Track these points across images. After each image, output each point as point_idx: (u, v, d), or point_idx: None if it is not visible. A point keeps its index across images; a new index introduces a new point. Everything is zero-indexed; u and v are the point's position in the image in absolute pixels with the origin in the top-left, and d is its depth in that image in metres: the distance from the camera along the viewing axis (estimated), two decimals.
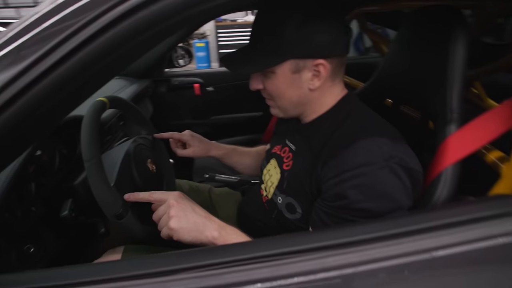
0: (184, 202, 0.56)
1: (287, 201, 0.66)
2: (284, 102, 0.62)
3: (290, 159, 0.69)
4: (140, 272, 0.37)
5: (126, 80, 1.56)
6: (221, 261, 0.38)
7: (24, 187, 0.67)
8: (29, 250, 0.64)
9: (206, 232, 0.54)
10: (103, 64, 0.37)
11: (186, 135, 0.87)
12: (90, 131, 0.58)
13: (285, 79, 0.58)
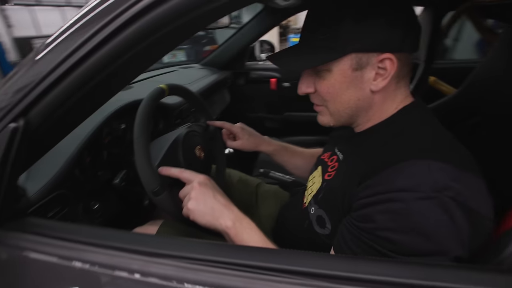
0: (207, 186, 0.58)
1: (318, 214, 0.61)
2: (338, 106, 0.54)
3: (335, 169, 0.63)
4: (139, 248, 0.39)
5: (209, 70, 1.69)
6: (212, 259, 0.38)
7: (98, 153, 0.79)
8: (93, 206, 0.76)
9: (220, 219, 0.54)
10: (143, 46, 0.39)
11: (236, 127, 0.88)
12: (143, 113, 0.65)
13: (344, 77, 0.50)
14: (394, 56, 0.47)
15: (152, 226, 0.72)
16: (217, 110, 1.66)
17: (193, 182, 0.59)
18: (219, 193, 0.59)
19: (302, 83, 0.57)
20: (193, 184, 0.58)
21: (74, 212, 0.70)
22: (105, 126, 0.81)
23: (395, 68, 0.48)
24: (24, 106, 0.40)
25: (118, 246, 0.40)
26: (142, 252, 0.38)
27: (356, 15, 0.46)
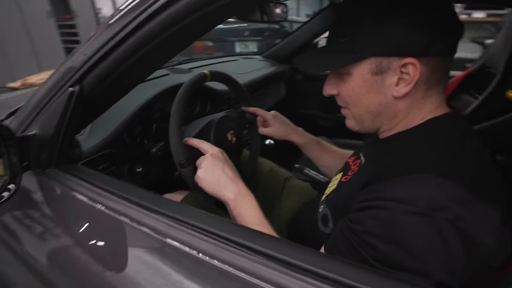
0: (218, 158, 0.63)
1: (325, 212, 0.61)
2: (359, 110, 0.53)
3: (353, 173, 0.62)
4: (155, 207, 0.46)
5: (268, 62, 1.73)
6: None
7: (148, 125, 0.91)
8: (137, 169, 0.88)
9: (224, 190, 0.59)
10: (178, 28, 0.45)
11: (269, 114, 0.90)
12: (182, 93, 0.73)
13: (363, 81, 0.48)
14: (418, 61, 0.44)
15: (179, 195, 0.81)
16: (270, 102, 1.70)
17: (207, 153, 0.64)
18: (229, 167, 0.63)
19: (326, 85, 0.57)
20: (207, 155, 0.64)
21: (120, 170, 0.83)
22: (157, 102, 0.93)
23: (419, 74, 0.45)
24: (80, 75, 0.51)
25: (130, 198, 0.48)
26: (145, 207, 0.46)
27: (376, 15, 0.45)
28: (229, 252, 0.40)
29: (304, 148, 0.91)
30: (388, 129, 0.54)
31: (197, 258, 0.39)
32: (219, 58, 1.69)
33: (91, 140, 0.74)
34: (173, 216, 0.43)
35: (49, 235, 0.54)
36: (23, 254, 0.56)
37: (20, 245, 0.57)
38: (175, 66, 1.35)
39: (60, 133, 0.54)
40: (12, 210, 0.60)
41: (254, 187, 0.97)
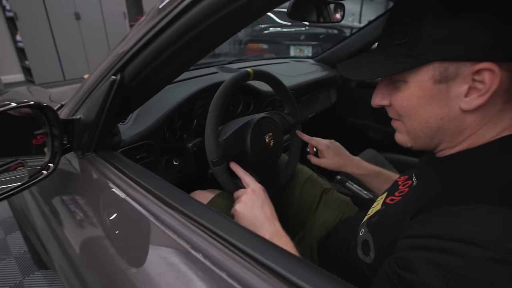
0: (258, 196, 0.61)
1: (366, 238, 0.53)
2: (415, 125, 0.45)
3: (402, 194, 0.54)
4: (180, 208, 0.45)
5: (320, 66, 1.66)
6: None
7: (189, 120, 0.92)
8: (174, 162, 0.89)
9: (260, 230, 0.56)
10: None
11: (322, 145, 0.86)
12: (223, 91, 0.71)
13: (423, 90, 0.41)
14: (498, 66, 0.36)
15: (210, 193, 0.80)
16: (318, 108, 1.63)
17: (249, 187, 0.63)
18: (268, 206, 0.61)
19: (376, 94, 0.50)
20: (248, 189, 0.62)
21: (157, 162, 0.85)
22: (200, 98, 0.93)
23: (498, 83, 0.36)
24: (122, 64, 0.51)
25: (159, 195, 0.47)
26: (172, 207, 0.44)
27: (443, 11, 0.37)
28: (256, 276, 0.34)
29: (362, 180, 0.85)
30: (449, 147, 0.45)
31: (220, 277, 0.35)
32: (270, 60, 1.67)
33: (133, 130, 0.76)
34: (201, 222, 0.40)
35: (81, 219, 0.56)
36: (59, 232, 0.59)
37: (58, 223, 0.61)
38: (225, 65, 1.36)
39: (101, 119, 0.55)
40: (54, 188, 0.64)
41: (289, 195, 0.93)
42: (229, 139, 0.73)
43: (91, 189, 0.57)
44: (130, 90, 0.55)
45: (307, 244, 0.77)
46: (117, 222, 0.49)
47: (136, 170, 0.54)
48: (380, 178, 0.81)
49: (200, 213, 0.41)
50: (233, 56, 3.75)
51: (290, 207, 0.90)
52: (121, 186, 0.51)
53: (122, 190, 0.50)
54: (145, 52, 0.49)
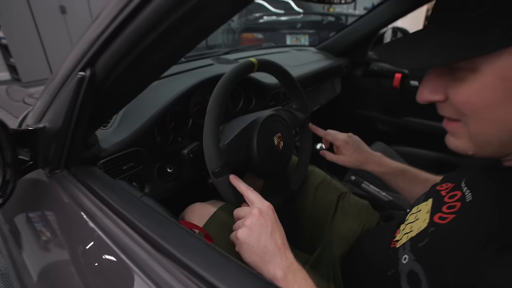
0: (267, 219, 0.48)
1: (413, 268, 0.42)
2: (486, 127, 0.35)
3: (453, 211, 0.43)
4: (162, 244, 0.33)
5: (323, 55, 1.53)
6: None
7: (183, 120, 0.80)
8: (168, 169, 0.77)
9: (269, 265, 0.44)
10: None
11: (339, 140, 0.75)
12: (223, 86, 0.59)
13: (502, 82, 0.31)
14: None
15: (212, 206, 0.68)
16: (322, 100, 1.51)
17: (254, 206, 0.49)
18: (279, 231, 0.48)
19: (424, 87, 0.39)
20: (253, 210, 0.48)
21: (149, 170, 0.73)
22: (195, 95, 0.81)
23: None
24: (90, 56, 0.39)
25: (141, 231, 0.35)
26: (155, 244, 0.32)
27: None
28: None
29: (384, 179, 0.73)
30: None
31: None
32: (269, 49, 1.54)
33: (117, 135, 0.64)
34: (192, 269, 0.29)
35: (44, 248, 0.44)
36: (16, 256, 0.48)
37: (17, 246, 0.49)
38: (221, 56, 1.23)
39: (69, 128, 0.43)
40: (18, 207, 0.52)
41: (301, 202, 0.82)
42: (232, 144, 0.61)
43: (59, 216, 0.45)
44: (107, 89, 0.42)
45: (328, 263, 0.66)
46: (88, 267, 0.37)
47: (117, 193, 0.42)
48: (405, 177, 0.71)
49: (205, 264, 0.29)
50: (227, 47, 3.58)
51: (303, 216, 0.79)
52: (94, 216, 0.39)
53: (96, 222, 0.38)
54: (119, 39, 0.36)
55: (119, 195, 0.41)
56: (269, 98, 1.00)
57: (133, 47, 0.36)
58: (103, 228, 0.37)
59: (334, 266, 0.65)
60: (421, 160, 1.40)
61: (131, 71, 0.40)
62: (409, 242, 0.46)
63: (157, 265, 0.30)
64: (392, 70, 1.48)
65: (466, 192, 0.44)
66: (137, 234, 0.35)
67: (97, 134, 0.63)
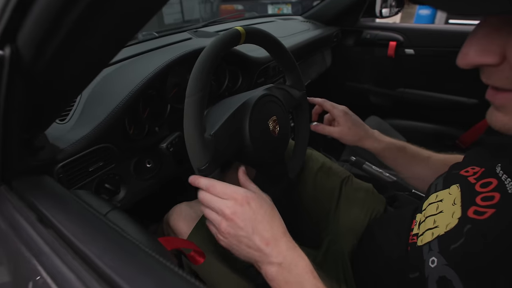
0: (244, 215, 0.40)
1: (444, 274, 0.35)
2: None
3: (493, 204, 0.35)
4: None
5: (312, 24, 1.40)
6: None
7: (160, 106, 0.68)
8: (147, 164, 0.66)
9: (263, 266, 0.39)
10: None
11: (339, 110, 0.66)
12: (205, 62, 0.47)
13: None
14: None
15: (199, 205, 0.59)
16: (313, 74, 1.40)
17: (225, 205, 0.41)
18: (261, 222, 0.41)
19: (471, 46, 0.30)
20: (224, 211, 0.41)
21: (123, 168, 0.62)
22: (172, 75, 0.68)
23: None
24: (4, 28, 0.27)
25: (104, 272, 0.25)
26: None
27: None
28: None
29: (383, 156, 0.66)
30: None
31: None
32: (252, 19, 1.39)
33: (78, 131, 0.52)
34: None
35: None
36: None
37: None
38: (200, 29, 1.08)
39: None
40: None
41: (300, 191, 0.73)
42: (219, 133, 0.51)
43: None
44: (41, 75, 0.30)
45: (337, 259, 0.59)
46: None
47: (72, 215, 0.31)
48: (406, 154, 0.64)
49: None
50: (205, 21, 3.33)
51: (303, 206, 0.71)
52: (39, 253, 0.28)
53: (40, 261, 0.27)
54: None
55: (75, 218, 0.31)
56: (257, 75, 0.88)
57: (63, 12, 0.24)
58: (50, 270, 0.26)
59: (344, 263, 0.58)
60: (418, 133, 1.34)
61: (73, 48, 0.28)
62: (436, 241, 0.39)
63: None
64: (386, 38, 1.37)
65: (504, 179, 0.36)
66: (95, 277, 0.25)
67: (51, 131, 0.51)
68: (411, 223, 0.49)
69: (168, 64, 0.64)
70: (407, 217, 0.52)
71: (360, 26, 1.44)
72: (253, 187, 0.48)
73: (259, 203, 0.42)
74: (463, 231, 0.36)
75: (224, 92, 0.83)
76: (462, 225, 0.36)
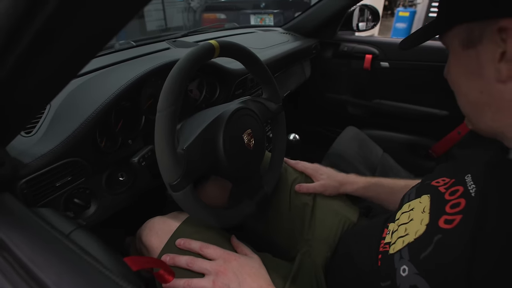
0: (233, 269, 0.47)
1: (415, 283, 0.36)
2: (460, 101, 0.40)
3: (460, 210, 0.37)
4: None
5: (291, 36, 1.43)
6: None
7: (134, 118, 0.67)
8: (120, 177, 0.65)
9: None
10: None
11: (311, 169, 0.74)
12: (177, 76, 0.47)
13: (456, 59, 0.37)
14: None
15: (173, 220, 0.58)
16: (292, 84, 1.42)
17: (216, 264, 0.49)
18: (253, 272, 0.48)
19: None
20: (217, 268, 0.48)
21: (95, 182, 0.60)
22: (147, 86, 0.67)
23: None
24: None
25: None
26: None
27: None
28: None
29: (368, 197, 0.71)
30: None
31: None
32: (233, 30, 1.41)
33: (44, 145, 0.50)
34: None
35: None
36: None
37: None
38: (179, 39, 1.08)
39: None
40: None
41: (277, 203, 0.73)
42: (192, 147, 0.50)
43: None
44: (4, 84, 0.29)
45: (311, 272, 0.59)
46: None
47: (30, 237, 0.30)
48: (384, 187, 0.69)
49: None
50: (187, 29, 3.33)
51: (280, 218, 0.71)
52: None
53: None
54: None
55: (33, 240, 0.30)
56: (235, 86, 0.89)
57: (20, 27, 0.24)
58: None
59: (318, 276, 0.58)
60: (393, 143, 1.39)
61: (32, 62, 0.27)
62: (406, 248, 0.40)
63: None
64: (362, 51, 1.42)
65: (469, 187, 0.38)
66: None
67: (16, 144, 0.49)
68: (383, 232, 0.51)
69: (143, 75, 0.63)
70: (379, 226, 0.53)
71: (338, 39, 1.48)
72: (244, 250, 0.54)
73: (246, 260, 0.50)
74: (432, 239, 0.37)
75: (201, 104, 0.83)
76: (431, 233, 0.38)
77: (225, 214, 0.56)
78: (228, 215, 0.57)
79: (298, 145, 1.02)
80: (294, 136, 1.01)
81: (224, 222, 0.54)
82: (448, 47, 0.38)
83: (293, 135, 0.99)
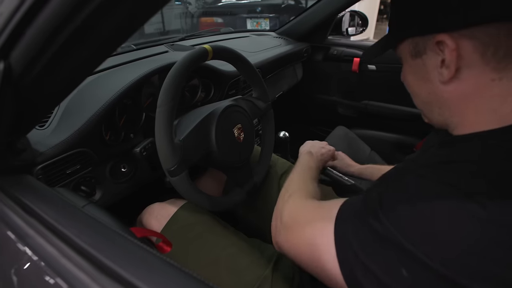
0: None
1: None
2: (415, 101, 0.47)
3: None
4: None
5: (284, 40, 1.51)
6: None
7: (135, 114, 0.73)
8: (122, 168, 0.71)
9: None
10: None
11: (339, 155, 0.90)
12: (174, 77, 0.54)
13: (409, 66, 0.44)
14: (451, 36, 0.34)
15: (171, 206, 0.64)
16: (284, 86, 1.49)
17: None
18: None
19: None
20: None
21: (99, 172, 0.66)
22: (147, 85, 0.74)
23: (455, 54, 0.34)
24: (1, 45, 0.32)
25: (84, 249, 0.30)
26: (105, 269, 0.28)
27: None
28: None
29: (361, 176, 0.84)
30: (456, 125, 0.41)
31: None
32: (228, 34, 1.48)
33: (57, 136, 0.57)
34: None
35: None
36: None
37: None
38: (177, 42, 1.15)
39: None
40: None
41: (266, 193, 0.80)
42: (188, 139, 0.57)
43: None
44: (27, 86, 0.36)
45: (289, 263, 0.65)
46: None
47: (52, 206, 0.36)
48: (374, 168, 0.82)
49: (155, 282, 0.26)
50: (185, 33, 3.41)
51: (269, 208, 0.78)
52: (25, 236, 0.33)
53: (26, 242, 0.32)
54: (31, 30, 0.30)
55: (55, 207, 0.36)
56: (228, 87, 0.96)
57: (50, 40, 0.31)
58: (35, 249, 0.32)
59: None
60: (381, 141, 1.46)
61: (56, 67, 0.34)
62: None
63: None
64: (350, 54, 1.50)
65: None
66: (75, 252, 0.30)
67: (32, 135, 0.55)
68: None
69: (143, 76, 0.70)
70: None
71: (328, 43, 1.56)
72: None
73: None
74: None
75: (197, 103, 0.90)
76: None
77: (217, 199, 0.63)
78: (220, 200, 0.63)
79: (287, 142, 1.08)
80: (284, 134, 1.08)
81: (216, 206, 0.61)
82: (401, 57, 0.44)
83: (283, 132, 1.06)
